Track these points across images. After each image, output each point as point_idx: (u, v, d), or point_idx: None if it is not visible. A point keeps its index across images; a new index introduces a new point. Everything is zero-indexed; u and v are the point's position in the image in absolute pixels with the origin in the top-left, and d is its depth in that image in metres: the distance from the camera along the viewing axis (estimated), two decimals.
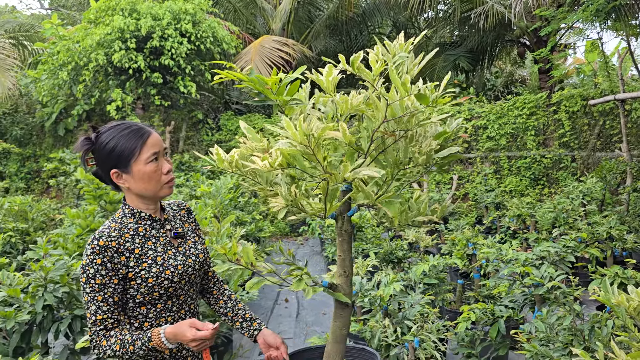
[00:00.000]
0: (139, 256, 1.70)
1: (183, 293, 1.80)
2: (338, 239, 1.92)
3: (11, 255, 5.18)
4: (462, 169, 10.46)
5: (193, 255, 1.85)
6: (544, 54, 10.13)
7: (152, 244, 1.75)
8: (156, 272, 1.70)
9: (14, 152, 11.88)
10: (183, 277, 1.78)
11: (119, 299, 1.67)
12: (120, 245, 1.68)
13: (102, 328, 1.65)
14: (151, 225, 1.79)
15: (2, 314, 3.01)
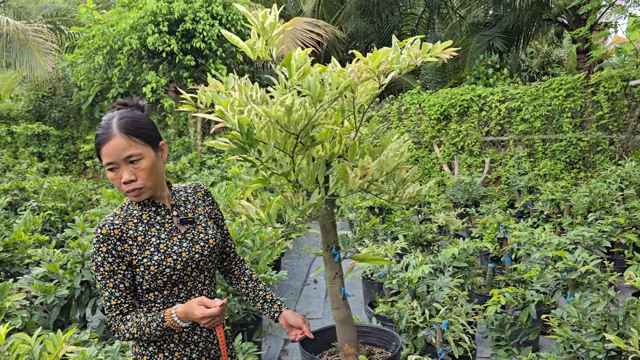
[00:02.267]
0: (141, 244, 1.68)
1: (191, 280, 1.76)
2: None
3: (51, 233, 5.37)
4: (494, 152, 10.27)
5: (202, 240, 1.79)
6: (583, 33, 9.78)
7: (155, 230, 1.72)
8: (158, 260, 1.67)
9: (52, 134, 12.25)
10: (188, 264, 1.74)
11: (130, 284, 1.68)
12: (123, 233, 1.67)
13: (118, 313, 1.67)
14: (156, 212, 1.75)
15: (42, 289, 3.14)
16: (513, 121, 10.04)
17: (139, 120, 1.66)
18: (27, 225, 4.32)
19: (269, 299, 1.99)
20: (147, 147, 1.65)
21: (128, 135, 1.60)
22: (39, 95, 12.42)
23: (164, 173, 1.77)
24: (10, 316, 2.63)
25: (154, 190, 1.71)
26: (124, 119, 1.63)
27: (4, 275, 3.82)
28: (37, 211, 5.51)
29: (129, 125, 1.62)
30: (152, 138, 1.68)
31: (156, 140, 1.71)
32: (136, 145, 1.62)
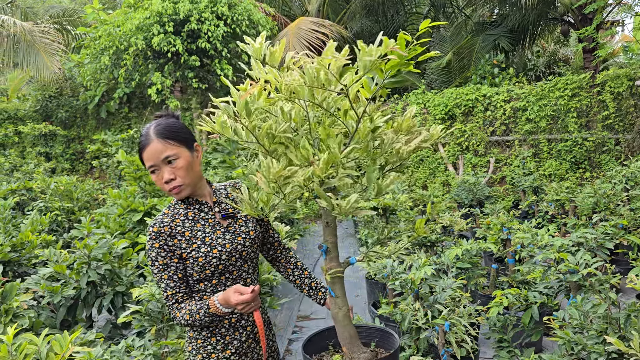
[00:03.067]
0: (189, 238, 1.85)
1: (236, 269, 1.93)
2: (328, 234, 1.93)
3: (57, 233, 5.42)
4: (499, 151, 10.25)
5: (243, 233, 1.96)
6: (589, 32, 9.75)
7: (201, 225, 1.89)
8: (205, 252, 1.84)
9: (59, 134, 12.33)
10: (232, 254, 1.90)
11: (182, 275, 1.85)
12: (172, 229, 1.84)
13: (174, 302, 1.84)
14: (200, 208, 1.92)
15: (49, 289, 3.18)
16: (518, 121, 10.01)
17: (173, 125, 1.85)
18: (35, 225, 4.36)
19: (314, 286, 2.15)
20: (182, 148, 1.83)
21: (164, 139, 1.79)
22: (46, 96, 12.51)
23: (201, 172, 1.93)
24: (18, 316, 2.67)
25: (193, 187, 1.88)
26: (159, 125, 1.83)
27: (11, 275, 3.87)
28: (44, 211, 5.57)
29: (164, 130, 1.81)
30: (186, 140, 1.85)
31: (190, 142, 1.87)
32: (171, 147, 1.80)
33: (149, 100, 12.11)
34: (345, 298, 1.97)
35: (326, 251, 1.90)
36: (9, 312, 2.63)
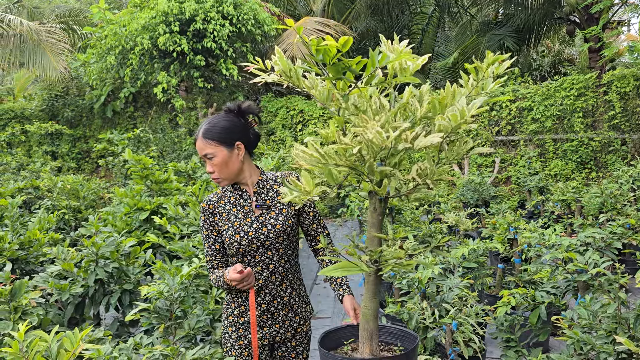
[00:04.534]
0: (224, 219, 2.18)
1: (258, 254, 2.17)
2: (374, 219, 1.92)
3: (64, 231, 5.44)
4: (504, 151, 10.23)
5: (270, 225, 2.17)
6: (595, 32, 9.72)
7: (236, 211, 2.19)
8: (230, 235, 2.15)
9: (65, 133, 12.38)
10: (253, 242, 2.15)
11: (220, 247, 2.21)
12: (215, 208, 2.20)
13: (210, 267, 2.23)
14: (241, 195, 2.21)
15: (57, 287, 3.19)
16: (524, 121, 9.99)
17: (216, 126, 2.12)
18: (42, 223, 4.38)
19: (339, 282, 2.31)
20: (220, 147, 2.10)
21: (205, 139, 2.10)
22: (52, 95, 12.56)
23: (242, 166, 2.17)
24: (27, 313, 2.68)
25: (231, 180, 2.17)
26: (208, 124, 2.13)
27: (19, 272, 3.89)
28: (51, 210, 5.59)
29: (206, 131, 2.11)
30: (224, 139, 2.11)
31: (230, 141, 2.12)
32: (210, 146, 2.10)
33: (154, 100, 12.14)
34: (376, 297, 1.95)
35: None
36: (18, 310, 2.64)
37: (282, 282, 2.22)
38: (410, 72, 1.81)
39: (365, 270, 1.87)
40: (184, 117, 11.58)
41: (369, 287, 1.96)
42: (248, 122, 2.22)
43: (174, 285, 2.69)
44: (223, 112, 2.19)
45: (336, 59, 1.65)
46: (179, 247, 3.36)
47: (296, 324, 2.27)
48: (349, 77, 1.74)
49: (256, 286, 2.17)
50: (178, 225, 3.83)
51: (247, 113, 2.20)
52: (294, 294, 2.27)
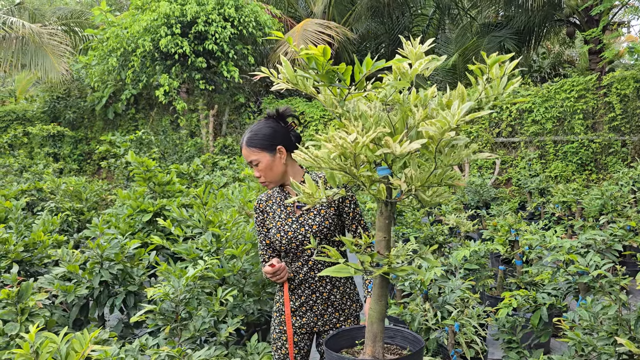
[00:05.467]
0: (271, 218, 2.37)
1: (299, 251, 2.32)
2: (380, 222, 1.95)
3: (68, 233, 5.47)
4: (505, 153, 10.26)
5: (307, 225, 2.30)
6: (595, 34, 9.75)
7: (280, 211, 2.36)
8: (273, 233, 2.34)
9: (67, 135, 12.41)
10: (292, 241, 2.30)
11: (270, 242, 2.39)
12: (264, 207, 2.40)
13: (262, 260, 2.42)
14: (285, 197, 2.36)
15: (63, 288, 3.22)
16: (524, 122, 10.02)
17: (258, 134, 2.26)
18: (46, 225, 4.41)
19: (366, 284, 2.44)
20: (263, 153, 2.25)
21: (249, 147, 2.25)
22: (54, 97, 12.60)
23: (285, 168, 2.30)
24: (34, 315, 2.71)
25: (277, 182, 2.32)
26: (250, 132, 2.27)
27: (23, 274, 3.91)
28: (54, 212, 5.62)
29: (249, 140, 2.26)
30: (266, 146, 2.25)
31: (272, 147, 2.25)
32: (254, 154, 2.25)
33: (155, 101, 12.18)
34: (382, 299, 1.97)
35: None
36: (25, 311, 2.67)
37: (322, 279, 2.36)
38: (410, 77, 1.84)
39: (352, 273, 1.89)
40: (185, 119, 11.61)
41: (374, 290, 1.98)
42: (288, 125, 2.35)
43: (179, 287, 2.71)
44: (264, 118, 2.33)
45: (327, 66, 1.69)
46: (183, 249, 3.39)
47: (336, 319, 2.39)
48: (344, 83, 1.77)
49: (298, 280, 2.35)
50: (182, 227, 3.86)
51: (286, 116, 2.35)
52: (335, 290, 2.38)
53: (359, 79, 1.77)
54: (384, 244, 1.96)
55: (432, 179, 1.90)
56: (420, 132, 1.86)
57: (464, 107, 1.71)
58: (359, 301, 2.51)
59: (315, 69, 1.74)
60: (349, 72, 1.75)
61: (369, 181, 1.84)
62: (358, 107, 1.85)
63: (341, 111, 1.88)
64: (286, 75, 1.87)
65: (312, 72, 1.76)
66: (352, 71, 1.75)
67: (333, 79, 1.78)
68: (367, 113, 1.82)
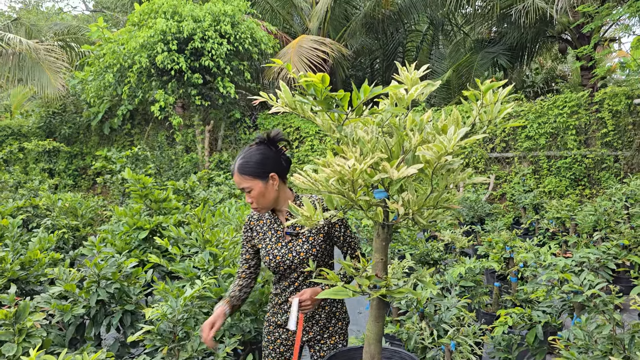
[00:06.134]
0: (261, 239, 2.42)
1: (286, 274, 2.39)
2: (377, 244, 1.98)
3: (63, 250, 5.46)
4: (499, 168, 10.34)
5: (295, 251, 2.35)
6: (587, 51, 9.90)
7: (270, 234, 2.40)
8: (262, 254, 2.40)
9: (63, 150, 12.40)
10: (280, 265, 2.36)
11: (250, 257, 2.47)
12: (254, 227, 2.45)
13: (237, 274, 2.49)
14: (275, 221, 2.41)
15: (60, 307, 3.21)
16: (518, 138, 10.11)
17: (249, 161, 2.26)
18: (43, 243, 4.40)
19: None
20: (256, 180, 2.25)
21: (241, 174, 2.26)
22: (50, 112, 12.61)
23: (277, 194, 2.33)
24: (31, 335, 2.70)
25: (269, 208, 2.34)
26: (242, 159, 2.27)
27: (19, 292, 3.90)
28: (51, 229, 5.61)
29: (240, 167, 2.26)
30: (258, 173, 2.26)
31: (264, 174, 2.27)
32: (246, 181, 2.26)
33: (151, 117, 12.22)
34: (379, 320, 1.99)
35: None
36: (22, 332, 2.66)
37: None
38: (407, 102, 1.88)
39: (350, 295, 1.92)
40: (181, 134, 11.64)
41: (371, 311, 2.01)
42: (279, 149, 2.35)
43: (176, 307, 2.72)
44: (254, 143, 2.33)
45: (325, 93, 1.73)
46: (181, 268, 3.40)
47: (320, 336, 2.47)
48: (342, 108, 1.82)
49: (284, 297, 2.44)
50: (179, 245, 3.87)
51: (277, 141, 2.34)
52: (320, 310, 2.45)
53: (357, 104, 1.81)
54: (381, 266, 2.00)
55: (429, 202, 1.93)
56: (416, 156, 1.91)
57: (460, 132, 1.76)
58: (345, 319, 2.56)
59: (314, 94, 1.79)
60: (347, 98, 1.79)
61: (366, 205, 1.88)
62: (356, 132, 1.89)
63: (339, 136, 1.93)
64: (285, 100, 1.92)
65: (310, 97, 1.81)
66: (350, 97, 1.79)
67: (331, 104, 1.83)
68: (365, 138, 1.86)
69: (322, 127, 1.96)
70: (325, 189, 1.82)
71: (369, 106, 2.02)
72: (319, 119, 1.97)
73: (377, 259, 1.98)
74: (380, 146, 1.88)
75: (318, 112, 1.94)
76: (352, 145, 1.87)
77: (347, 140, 1.91)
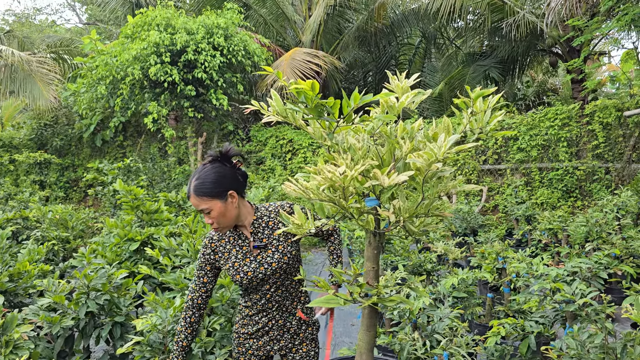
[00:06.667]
0: (226, 258, 2.34)
1: (258, 288, 2.35)
2: (369, 252, 1.98)
3: (53, 262, 5.40)
4: (491, 180, 10.38)
5: (266, 263, 2.31)
6: (577, 64, 10.01)
7: (235, 251, 2.33)
8: (232, 273, 2.32)
9: (54, 162, 12.33)
10: (252, 280, 2.31)
11: (208, 281, 2.36)
12: (217, 248, 2.35)
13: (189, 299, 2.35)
14: (239, 237, 2.35)
15: (48, 319, 3.17)
16: (510, 150, 10.18)
17: (205, 181, 2.17)
18: (32, 255, 4.36)
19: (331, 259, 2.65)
20: (214, 201, 2.18)
21: (198, 196, 2.17)
22: (41, 124, 12.56)
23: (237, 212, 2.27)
24: (18, 347, 2.66)
25: (230, 226, 2.27)
26: (197, 180, 2.18)
27: (7, 304, 3.85)
28: (40, 241, 5.55)
29: (197, 188, 2.17)
30: (216, 193, 2.18)
31: (222, 193, 2.19)
32: (205, 202, 2.17)
33: (144, 129, 12.20)
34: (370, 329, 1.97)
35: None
36: (9, 344, 2.62)
37: (279, 308, 2.42)
38: (397, 110, 1.89)
39: (341, 304, 1.90)
40: (174, 147, 11.61)
41: (363, 320, 1.99)
42: (233, 165, 2.26)
43: (167, 317, 2.69)
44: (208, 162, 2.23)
45: (316, 100, 1.73)
46: (171, 279, 3.37)
47: (291, 344, 2.47)
48: (333, 116, 1.82)
49: (255, 309, 2.40)
50: (170, 256, 3.84)
51: (230, 157, 2.25)
52: (291, 318, 2.46)
53: (347, 112, 1.82)
54: (372, 274, 1.99)
55: (420, 209, 1.93)
56: (407, 164, 1.91)
57: (450, 139, 1.76)
58: (315, 324, 2.58)
59: (305, 102, 1.79)
60: (338, 105, 1.80)
61: (357, 212, 1.87)
62: (347, 140, 1.90)
63: (330, 143, 1.93)
64: (276, 108, 1.92)
65: (301, 105, 1.81)
66: (341, 105, 1.80)
67: (322, 112, 1.83)
68: (356, 146, 1.86)
69: (313, 135, 1.96)
70: (316, 196, 1.82)
71: (360, 114, 2.03)
72: (310, 127, 1.97)
73: (369, 267, 1.97)
74: (372, 154, 1.88)
75: (309, 120, 1.94)
76: (343, 152, 1.87)
77: (338, 147, 1.91)
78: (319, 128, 1.93)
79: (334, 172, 1.67)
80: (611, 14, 9.39)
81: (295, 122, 1.92)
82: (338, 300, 1.91)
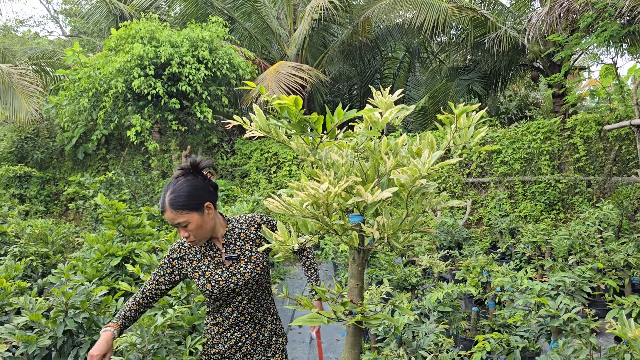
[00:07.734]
0: (195, 267, 2.32)
1: (229, 298, 2.33)
2: (353, 269, 1.95)
3: (31, 278, 5.27)
4: (475, 193, 10.44)
5: (239, 274, 2.31)
6: (558, 79, 10.17)
7: (207, 261, 2.32)
8: (202, 283, 2.29)
9: (34, 176, 12.12)
10: (224, 290, 2.30)
11: (163, 281, 2.34)
12: (185, 254, 2.34)
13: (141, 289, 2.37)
14: (211, 248, 2.34)
15: (24, 339, 3.07)
16: (493, 163, 10.26)
17: (180, 194, 2.15)
18: (9, 272, 4.25)
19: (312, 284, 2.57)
20: (192, 213, 2.17)
21: (175, 210, 2.15)
22: (22, 137, 12.36)
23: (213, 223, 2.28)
24: None
25: (207, 238, 2.27)
26: (172, 194, 2.16)
27: None
28: (18, 256, 5.42)
29: (173, 202, 2.15)
30: (193, 206, 2.17)
31: (198, 205, 2.19)
32: (182, 216, 2.15)
33: (127, 141, 12.07)
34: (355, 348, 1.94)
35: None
36: None
37: (252, 321, 2.41)
38: (381, 126, 1.88)
39: (324, 322, 1.87)
40: (157, 160, 11.50)
41: (347, 338, 1.96)
42: (204, 177, 2.27)
43: (146, 336, 2.63)
44: (180, 175, 2.22)
45: (299, 116, 1.72)
46: None
47: (264, 357, 2.46)
48: (316, 132, 1.80)
49: (227, 324, 2.38)
50: (151, 272, 3.76)
51: (202, 168, 2.25)
52: (263, 329, 2.45)
53: (331, 128, 1.80)
54: (356, 292, 1.96)
55: (404, 226, 1.91)
56: (391, 180, 1.90)
57: (434, 155, 1.75)
58: (284, 335, 2.59)
59: (288, 117, 1.77)
60: (321, 121, 1.78)
61: (341, 229, 1.85)
62: (330, 156, 1.88)
63: (313, 159, 1.91)
64: (259, 124, 1.90)
65: (284, 120, 1.79)
66: (324, 120, 1.78)
67: (305, 128, 1.81)
68: (339, 162, 1.84)
69: (296, 150, 1.94)
70: (299, 213, 1.79)
71: (344, 129, 2.01)
72: (293, 142, 1.95)
73: (353, 284, 1.94)
74: (355, 170, 1.87)
75: (292, 136, 1.92)
76: (326, 168, 1.85)
77: (321, 163, 1.89)
78: (302, 144, 1.91)
79: (317, 189, 1.65)
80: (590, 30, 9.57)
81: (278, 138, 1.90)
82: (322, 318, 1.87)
